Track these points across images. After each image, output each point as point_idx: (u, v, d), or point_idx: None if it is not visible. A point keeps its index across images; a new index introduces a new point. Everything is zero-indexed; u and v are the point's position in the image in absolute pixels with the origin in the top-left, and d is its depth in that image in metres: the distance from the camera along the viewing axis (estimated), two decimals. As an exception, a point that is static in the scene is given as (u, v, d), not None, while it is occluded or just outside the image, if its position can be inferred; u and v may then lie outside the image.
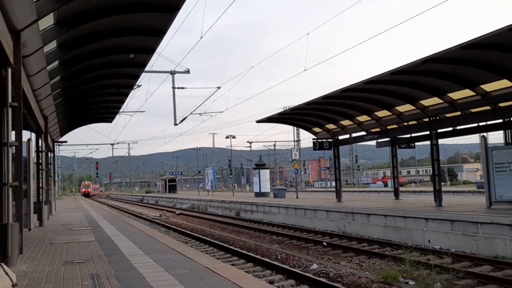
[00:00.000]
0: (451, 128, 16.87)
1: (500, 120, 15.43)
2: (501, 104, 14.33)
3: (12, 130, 8.28)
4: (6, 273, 6.32)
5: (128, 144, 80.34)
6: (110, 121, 24.71)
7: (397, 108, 17.68)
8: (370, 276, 9.61)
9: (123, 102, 20.11)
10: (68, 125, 24.74)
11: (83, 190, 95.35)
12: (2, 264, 6.68)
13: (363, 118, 19.80)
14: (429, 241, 13.27)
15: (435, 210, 15.00)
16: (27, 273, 7.24)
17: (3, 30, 7.17)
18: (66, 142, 32.08)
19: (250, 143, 74.07)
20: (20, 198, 8.74)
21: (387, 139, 20.55)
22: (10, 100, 7.87)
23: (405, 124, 18.38)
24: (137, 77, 15.75)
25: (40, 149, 17.51)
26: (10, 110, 7.88)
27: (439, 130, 16.81)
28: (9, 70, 7.90)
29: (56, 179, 38.44)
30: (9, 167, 7.81)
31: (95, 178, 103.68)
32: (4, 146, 7.78)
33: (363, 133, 20.82)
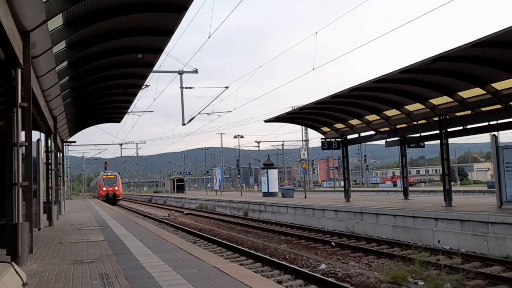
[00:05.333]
0: (461, 127, 16.70)
1: (511, 119, 15.25)
2: (512, 103, 14.16)
3: (22, 130, 8.35)
4: (17, 272, 6.37)
5: (137, 144, 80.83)
6: (119, 121, 24.83)
7: (406, 107, 17.55)
8: (379, 276, 9.55)
9: (131, 102, 20.20)
10: (77, 125, 24.90)
11: (105, 189, 51.86)
12: (13, 263, 6.73)
13: (372, 117, 19.69)
14: (438, 241, 13.15)
15: (445, 210, 14.87)
16: (37, 272, 7.29)
17: (13, 31, 7.21)
18: (75, 142, 32.36)
19: (258, 142, 74.26)
20: (30, 198, 8.80)
21: (396, 138, 20.41)
22: (19, 100, 7.93)
23: (415, 123, 18.24)
24: (145, 77, 15.81)
25: (49, 149, 17.63)
26: (19, 110, 7.94)
27: (449, 129, 16.67)
28: (19, 70, 7.95)
29: (65, 179, 38.67)
30: (19, 167, 7.87)
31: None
32: (14, 146, 7.84)
33: (372, 132, 20.70)
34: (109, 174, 55.35)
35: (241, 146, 60.83)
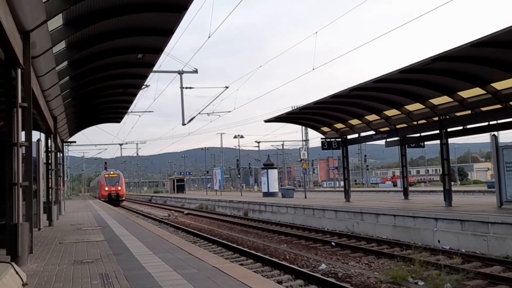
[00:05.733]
0: (461, 127, 16.71)
1: (511, 119, 15.25)
2: (512, 103, 14.16)
3: (22, 130, 8.35)
4: (17, 273, 6.37)
5: (137, 144, 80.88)
6: (119, 121, 24.84)
7: (406, 107, 17.56)
8: (379, 277, 9.55)
9: (131, 102, 20.21)
10: (77, 125, 24.90)
11: (107, 188, 48.06)
12: (13, 263, 6.73)
13: (371, 117, 19.69)
14: (438, 241, 13.16)
15: (445, 210, 14.87)
16: (37, 273, 7.29)
17: (13, 31, 7.21)
18: (75, 142, 32.37)
19: (258, 142, 74.17)
20: (30, 198, 8.80)
21: (396, 138, 20.42)
22: (19, 100, 7.92)
23: (415, 123, 18.25)
24: (145, 77, 15.82)
25: (49, 149, 17.63)
26: (20, 110, 7.94)
27: (449, 129, 16.67)
28: (19, 70, 7.95)
29: (65, 179, 38.63)
30: (19, 167, 7.86)
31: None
32: (14, 146, 7.84)
33: (372, 132, 20.71)
34: (112, 172, 50.93)
35: (241, 146, 60.81)
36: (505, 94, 13.90)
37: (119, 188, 48.49)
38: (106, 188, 48.04)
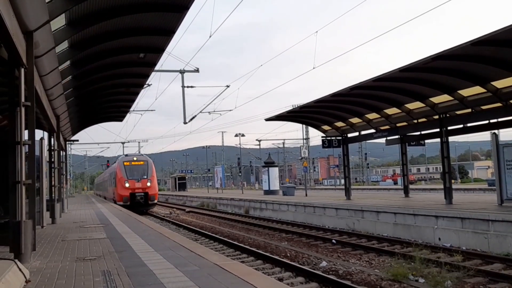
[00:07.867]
0: (461, 126, 16.73)
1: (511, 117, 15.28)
2: (512, 101, 14.18)
3: (25, 129, 8.41)
4: (20, 270, 6.45)
5: (139, 142, 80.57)
6: (121, 120, 24.92)
7: (406, 105, 17.59)
8: (379, 274, 9.61)
9: (133, 101, 20.29)
10: (80, 124, 24.99)
11: (128, 185, 29.61)
12: (16, 260, 6.82)
13: (372, 115, 19.72)
14: (439, 238, 13.21)
15: (446, 207, 14.92)
16: (40, 270, 7.36)
17: (16, 31, 7.28)
18: (77, 141, 32.41)
19: (259, 141, 74.25)
20: (33, 196, 8.88)
21: (396, 136, 20.45)
22: (23, 99, 7.98)
23: (415, 121, 18.27)
24: (147, 76, 15.89)
25: (52, 148, 17.71)
26: (23, 109, 8.00)
27: (449, 128, 16.71)
28: (22, 70, 8.01)
29: (68, 177, 38.65)
30: (23, 166, 7.93)
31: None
32: (18, 145, 7.91)
33: (372, 130, 20.73)
34: (135, 159, 31.74)
35: (242, 144, 60.99)
36: (505, 92, 13.92)
37: (149, 184, 30.46)
38: (127, 184, 30.07)
